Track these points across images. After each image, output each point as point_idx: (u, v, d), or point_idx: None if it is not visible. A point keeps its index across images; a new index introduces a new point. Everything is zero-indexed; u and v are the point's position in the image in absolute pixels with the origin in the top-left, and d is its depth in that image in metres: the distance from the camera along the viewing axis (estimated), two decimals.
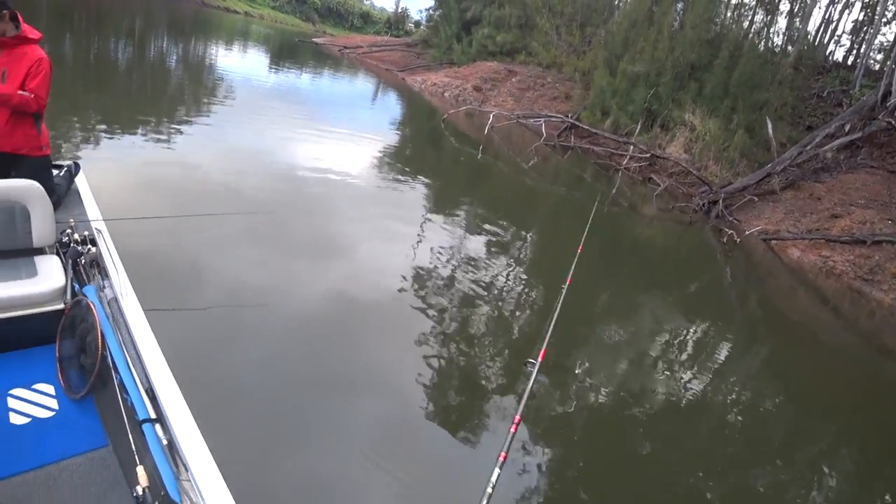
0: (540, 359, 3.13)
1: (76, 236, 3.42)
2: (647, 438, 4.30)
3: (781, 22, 22.23)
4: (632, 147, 14.65)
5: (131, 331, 2.78)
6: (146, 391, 2.49)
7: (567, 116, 17.05)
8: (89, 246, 3.40)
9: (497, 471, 2.09)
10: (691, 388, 5.17)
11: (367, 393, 3.98)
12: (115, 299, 2.99)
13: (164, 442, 2.27)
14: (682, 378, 5.33)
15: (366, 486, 3.17)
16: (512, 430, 2.39)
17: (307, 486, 3.10)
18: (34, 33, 3.62)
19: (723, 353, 6.22)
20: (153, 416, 2.38)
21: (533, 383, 2.90)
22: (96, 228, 3.62)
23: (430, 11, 33.46)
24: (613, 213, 10.96)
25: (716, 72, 16.43)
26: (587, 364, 5.10)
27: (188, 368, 3.11)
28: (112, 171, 6.74)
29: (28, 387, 2.91)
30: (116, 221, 3.86)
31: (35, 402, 2.84)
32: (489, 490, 1.99)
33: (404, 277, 5.76)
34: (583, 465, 3.81)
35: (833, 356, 7.15)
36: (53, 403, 2.85)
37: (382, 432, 3.57)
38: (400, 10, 63.88)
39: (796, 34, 20.39)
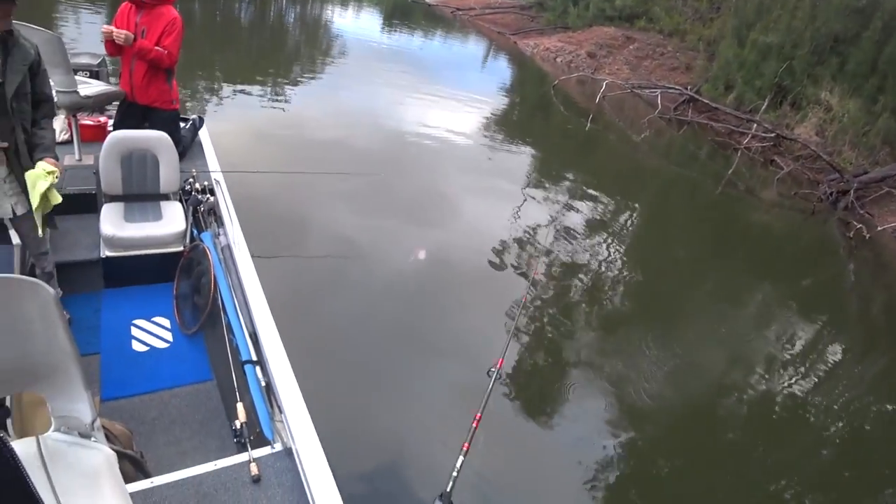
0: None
1: (197, 185, 3.73)
2: (729, 437, 4.17)
3: None
4: (755, 125, 13.60)
5: (240, 276, 2.99)
6: (250, 334, 2.68)
7: (686, 89, 16.05)
8: (208, 195, 3.70)
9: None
10: (788, 394, 4.89)
11: (450, 355, 4.13)
12: (228, 246, 3.24)
13: (263, 383, 2.45)
14: (778, 380, 5.05)
15: (438, 443, 3.32)
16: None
17: (384, 436, 3.31)
18: None
19: (832, 359, 5.79)
20: (254, 358, 2.56)
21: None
22: (215, 179, 3.95)
23: None
24: (728, 196, 10.33)
25: (864, 45, 14.66)
26: (679, 351, 4.97)
27: (289, 315, 3.38)
28: (232, 125, 7.26)
29: (149, 319, 3.25)
30: (233, 174, 4.16)
31: (153, 332, 3.16)
32: None
33: (501, 246, 5.84)
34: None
35: None
36: (169, 336, 3.16)
37: (459, 396, 3.71)
38: None
39: None
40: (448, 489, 2.10)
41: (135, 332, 3.17)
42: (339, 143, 7.64)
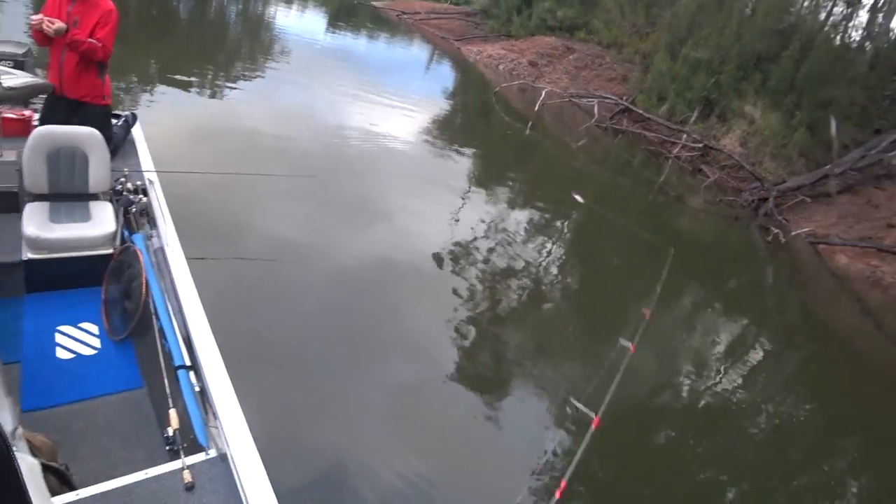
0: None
1: (129, 185, 3.55)
2: (667, 435, 4.39)
3: (862, 16, 20.97)
4: (685, 136, 14.30)
5: (174, 279, 2.91)
6: (183, 338, 2.61)
7: (622, 99, 16.68)
8: (141, 195, 3.54)
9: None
10: (717, 389, 5.20)
11: (392, 355, 4.17)
12: (161, 248, 3.14)
13: (197, 388, 2.38)
14: (708, 378, 5.36)
15: (382, 445, 3.36)
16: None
17: (326, 440, 3.31)
18: None
19: (755, 356, 6.19)
20: (188, 363, 2.49)
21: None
22: (148, 179, 3.79)
23: None
24: (659, 203, 10.81)
25: (783, 64, 15.70)
26: (609, 349, 5.18)
27: (225, 318, 3.31)
28: (167, 123, 7.02)
29: (75, 325, 3.09)
30: (167, 173, 4.02)
31: (80, 339, 3.02)
32: None
33: (441, 248, 5.93)
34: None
35: (868, 372, 7.00)
36: (96, 343, 3.02)
37: (402, 396, 3.76)
38: None
39: (877, 30, 19.23)
40: None
41: (59, 338, 3.03)
42: (279, 143, 7.52)
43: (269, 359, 3.73)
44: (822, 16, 19.99)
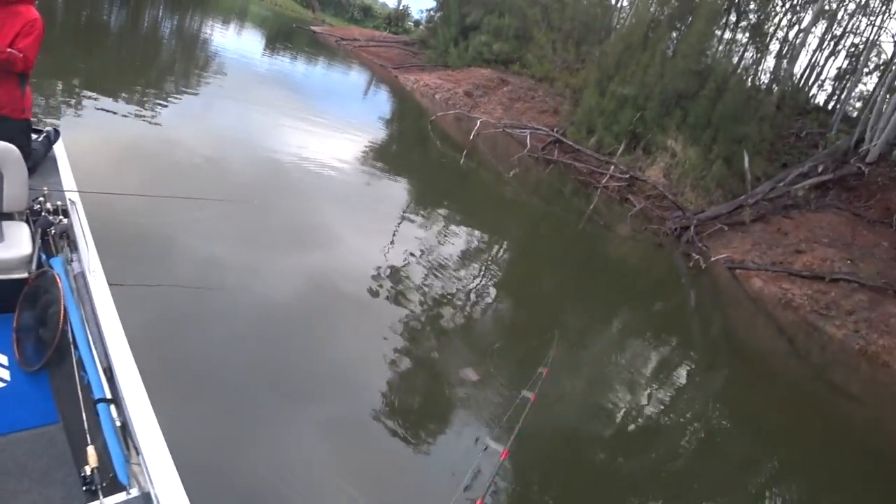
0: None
1: (49, 205, 3.33)
2: (596, 455, 4.45)
3: (770, 61, 22.85)
4: (612, 167, 14.94)
5: (95, 307, 2.73)
6: (104, 370, 2.45)
7: (553, 130, 17.28)
8: (61, 216, 3.31)
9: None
10: (645, 409, 5.32)
11: (323, 387, 4.03)
12: (83, 273, 2.94)
13: (118, 423, 2.25)
14: (637, 398, 5.48)
15: (311, 481, 3.23)
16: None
17: (256, 477, 3.14)
18: None
19: (681, 376, 6.40)
20: (109, 396, 2.34)
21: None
22: (70, 199, 3.52)
23: (431, 13, 33.54)
24: (589, 231, 11.18)
25: (701, 102, 16.81)
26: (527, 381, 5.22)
27: (149, 349, 3.12)
28: (93, 141, 6.65)
29: None
30: (91, 194, 3.75)
31: None
32: None
33: (376, 275, 5.83)
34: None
35: (785, 387, 7.40)
36: (5, 374, 2.78)
37: (332, 428, 3.63)
38: (401, 8, 63.82)
39: (782, 74, 20.96)
40: None
41: None
42: (213, 166, 7.25)
43: (196, 391, 3.51)
44: (735, 59, 21.64)
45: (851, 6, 21.82)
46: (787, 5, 22.78)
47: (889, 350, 8.97)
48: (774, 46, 23.19)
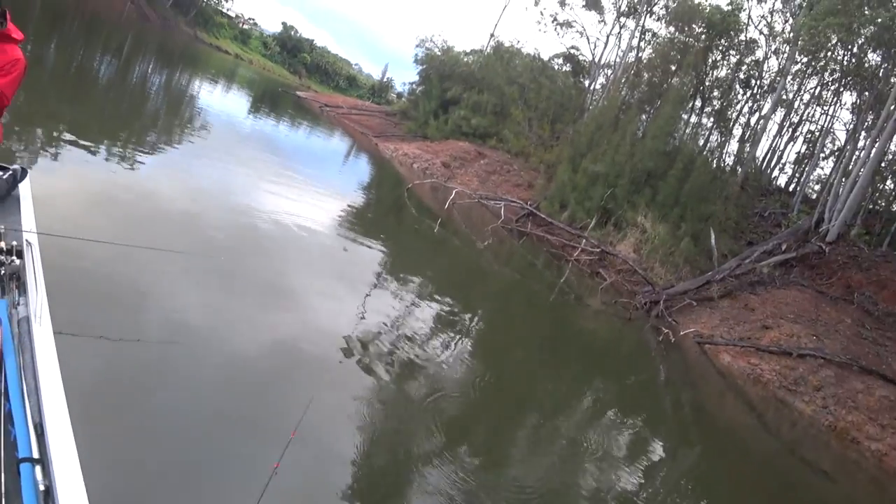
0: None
1: (2, 244, 3.20)
2: None
3: (734, 144, 24.14)
4: (584, 241, 15.24)
5: (35, 357, 2.61)
6: (34, 426, 2.31)
7: (527, 203, 17.69)
8: (14, 257, 3.19)
9: None
10: (618, 486, 5.18)
11: (277, 460, 3.84)
12: (27, 319, 2.83)
13: (42, 487, 2.10)
14: (608, 476, 5.33)
15: None
16: None
17: None
18: (17, 34, 3.62)
19: (653, 454, 6.28)
20: (36, 455, 2.20)
21: None
22: (27, 240, 3.42)
23: (413, 86, 34.92)
24: (560, 303, 11.25)
25: (669, 181, 17.49)
26: (506, 457, 5.08)
27: (92, 406, 2.96)
28: (63, 184, 6.52)
29: None
30: (51, 237, 3.69)
31: None
32: None
33: (345, 340, 5.70)
34: None
35: (757, 465, 7.33)
36: None
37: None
38: (385, 80, 66.32)
39: (745, 157, 22.05)
40: None
41: None
42: (186, 219, 7.17)
43: (135, 454, 3.28)
44: (701, 142, 22.79)
45: (806, 97, 23.34)
46: (749, 94, 24.31)
47: (857, 426, 9.03)
48: (738, 131, 24.57)
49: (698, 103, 24.65)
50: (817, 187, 22.49)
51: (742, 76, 24.10)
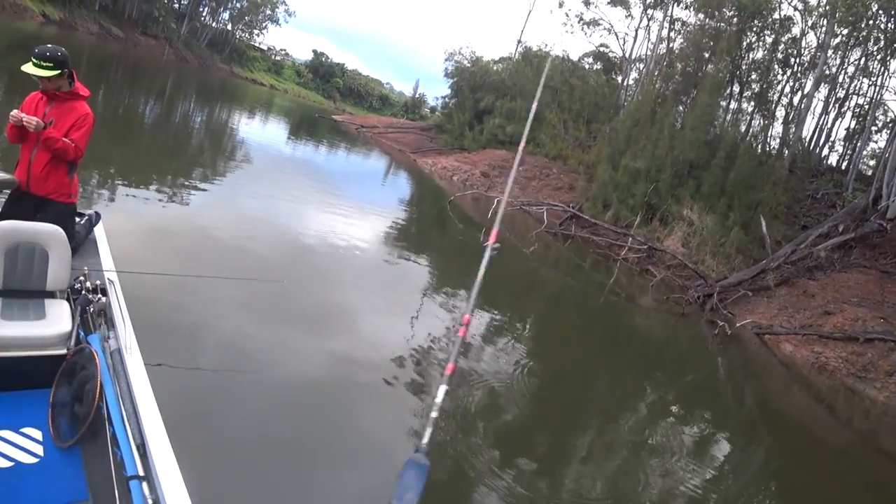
0: None
1: (88, 284, 3.47)
2: None
3: (777, 127, 23.39)
4: (630, 239, 15.08)
5: (130, 384, 2.78)
6: (137, 447, 2.45)
7: (569, 206, 17.63)
8: (100, 295, 3.44)
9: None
10: (687, 490, 5.12)
11: (352, 471, 4.04)
12: (119, 350, 3.02)
13: (150, 502, 2.23)
14: (676, 479, 5.29)
15: None
16: None
17: None
18: (84, 91, 3.94)
19: (721, 453, 6.15)
20: (142, 473, 2.33)
21: None
22: (108, 279, 3.67)
23: (446, 99, 35.39)
24: (611, 303, 11.20)
25: (713, 171, 17.14)
26: (567, 462, 5.14)
27: (183, 427, 3.22)
28: (129, 224, 6.99)
29: (16, 429, 2.83)
30: (128, 274, 3.96)
31: (20, 445, 2.76)
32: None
33: (403, 357, 5.89)
34: None
35: (832, 458, 7.10)
36: (39, 450, 2.77)
37: None
38: (417, 96, 67.18)
39: (791, 139, 21.37)
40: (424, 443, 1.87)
41: None
42: (241, 247, 7.57)
43: (228, 470, 3.57)
44: (743, 128, 22.19)
45: (851, 69, 22.47)
46: (788, 73, 23.57)
47: None
48: (780, 113, 23.82)
49: (736, 88, 24.04)
50: (872, 163, 21.54)
51: (780, 56, 23.36)
